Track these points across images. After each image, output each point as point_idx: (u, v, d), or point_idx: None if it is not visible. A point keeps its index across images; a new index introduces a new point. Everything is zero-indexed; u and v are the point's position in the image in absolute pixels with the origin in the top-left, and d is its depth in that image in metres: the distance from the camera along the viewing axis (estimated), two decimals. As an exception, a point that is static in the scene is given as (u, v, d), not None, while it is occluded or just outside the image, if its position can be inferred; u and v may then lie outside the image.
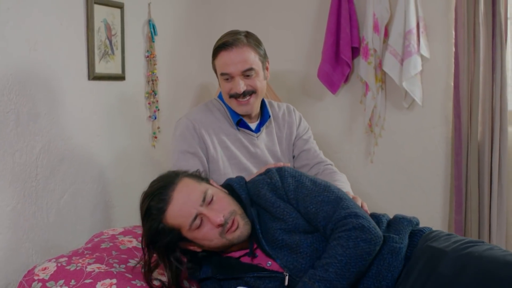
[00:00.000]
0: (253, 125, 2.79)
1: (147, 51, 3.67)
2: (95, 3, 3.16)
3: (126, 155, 3.51)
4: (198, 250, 2.15)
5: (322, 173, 2.83)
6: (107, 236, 2.62)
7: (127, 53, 3.47)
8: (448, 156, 3.88)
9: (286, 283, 2.02)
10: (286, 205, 2.10)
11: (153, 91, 3.69)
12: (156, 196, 2.04)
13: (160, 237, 2.05)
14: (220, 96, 2.82)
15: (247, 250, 2.13)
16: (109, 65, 3.29)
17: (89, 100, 3.19)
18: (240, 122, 2.75)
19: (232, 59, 2.63)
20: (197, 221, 2.02)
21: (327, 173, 2.81)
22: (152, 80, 3.69)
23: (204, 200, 2.03)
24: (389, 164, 4.09)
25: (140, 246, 2.34)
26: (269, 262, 2.09)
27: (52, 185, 2.95)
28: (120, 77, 3.42)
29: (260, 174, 2.27)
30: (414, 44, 3.80)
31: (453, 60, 3.82)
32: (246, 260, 2.14)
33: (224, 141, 2.70)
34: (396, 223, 2.12)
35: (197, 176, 2.14)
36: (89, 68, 3.15)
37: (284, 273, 2.04)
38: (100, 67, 3.22)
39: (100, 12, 3.20)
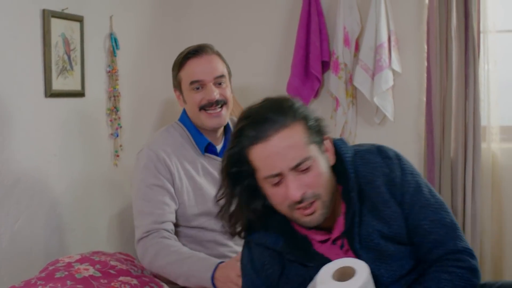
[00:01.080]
0: (217, 148, 2.65)
1: (109, 66, 3.55)
2: (53, 16, 3.03)
3: (85, 176, 3.39)
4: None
5: None
6: (63, 264, 2.50)
7: (87, 68, 3.35)
8: (421, 173, 3.78)
9: None
10: (397, 209, 1.81)
11: (115, 107, 3.57)
12: (256, 125, 1.73)
13: (235, 163, 1.79)
14: (182, 120, 2.66)
15: (327, 235, 1.85)
16: (67, 81, 3.16)
17: (45, 119, 3.06)
18: (209, 147, 2.61)
19: (203, 65, 2.54)
20: (276, 179, 1.73)
21: None
22: (114, 96, 3.57)
23: (297, 166, 1.71)
24: (361, 181, 3.96)
25: (96, 275, 2.29)
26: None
27: (6, 209, 2.81)
28: (79, 94, 3.29)
29: (376, 155, 1.87)
30: (386, 58, 3.77)
31: (425, 75, 3.79)
32: (321, 248, 1.86)
33: (189, 170, 2.55)
34: None
35: (314, 130, 1.77)
36: (46, 84, 3.02)
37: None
38: (58, 84, 3.08)
39: (58, 26, 3.08)
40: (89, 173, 3.42)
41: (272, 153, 1.70)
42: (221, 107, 2.56)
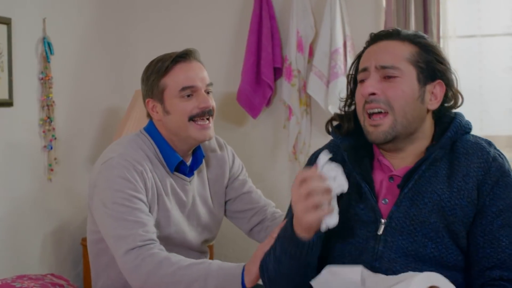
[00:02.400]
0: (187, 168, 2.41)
1: (41, 72, 3.38)
2: (-25, 18, 2.80)
3: (16, 191, 3.23)
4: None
5: (271, 220, 2.50)
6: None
7: (15, 75, 3.19)
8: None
9: (380, 232, 1.74)
10: (473, 194, 1.71)
11: (48, 117, 3.39)
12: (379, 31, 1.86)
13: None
14: (150, 132, 2.35)
15: (392, 172, 1.79)
16: (-8, 89, 2.99)
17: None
18: (180, 166, 2.33)
19: (195, 71, 2.28)
20: (363, 75, 1.79)
21: (279, 220, 2.45)
22: (48, 105, 3.39)
23: (383, 68, 1.75)
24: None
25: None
26: (387, 199, 1.78)
27: None
28: (7, 103, 3.13)
29: (490, 146, 1.79)
30: (341, 64, 3.66)
31: (383, 82, 3.57)
32: (378, 176, 1.82)
33: (159, 189, 2.27)
34: None
35: (426, 64, 1.76)
36: (-34, 93, 2.80)
37: (383, 220, 1.75)
38: (-19, 92, 2.88)
39: (-19, 29, 2.88)
40: (19, 189, 3.26)
41: (370, 51, 1.79)
42: (208, 119, 2.30)
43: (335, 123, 1.92)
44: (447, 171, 1.75)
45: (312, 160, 1.94)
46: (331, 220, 1.57)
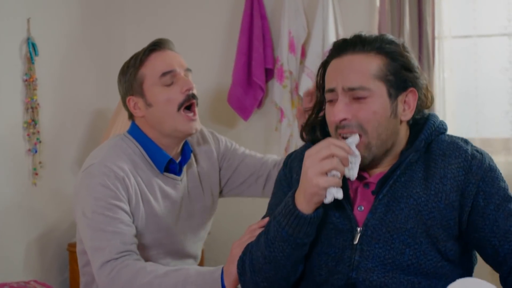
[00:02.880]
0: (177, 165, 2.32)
1: (26, 74, 3.31)
2: (-46, 17, 2.73)
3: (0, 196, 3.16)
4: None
5: (277, 168, 2.39)
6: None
7: None
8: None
9: (356, 241, 1.69)
10: (455, 197, 1.66)
11: (33, 120, 3.32)
12: (341, 42, 1.77)
13: (318, 75, 1.82)
14: (133, 133, 2.26)
15: (366, 179, 1.74)
16: (-27, 91, 2.91)
17: None
18: (170, 165, 2.23)
19: (171, 56, 2.21)
20: (330, 95, 1.71)
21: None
22: (32, 108, 3.32)
23: (351, 90, 1.67)
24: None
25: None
26: (362, 206, 1.74)
27: None
28: None
29: (467, 144, 1.74)
30: None
31: (376, 84, 3.53)
32: (352, 183, 1.76)
33: (145, 194, 2.17)
34: None
35: (396, 73, 1.68)
36: None
37: (359, 229, 1.70)
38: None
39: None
40: (2, 194, 3.21)
41: (336, 68, 1.71)
42: (193, 110, 2.20)
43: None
44: (423, 173, 1.70)
45: (287, 162, 1.92)
46: (338, 192, 1.57)
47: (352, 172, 1.61)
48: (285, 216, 1.64)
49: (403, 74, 1.68)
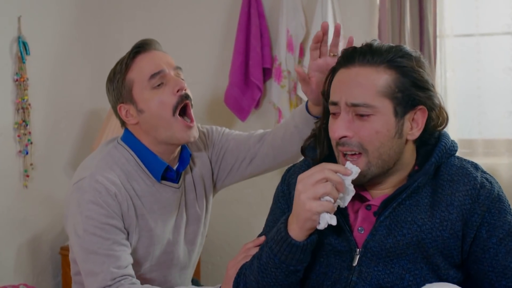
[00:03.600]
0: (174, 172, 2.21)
1: (16, 73, 3.25)
2: None
3: None
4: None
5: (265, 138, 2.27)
6: None
7: None
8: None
9: (355, 262, 1.64)
10: (457, 226, 1.59)
11: (23, 121, 3.26)
12: (350, 51, 1.67)
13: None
14: (127, 141, 2.14)
15: (369, 201, 1.67)
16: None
17: None
18: (167, 172, 2.12)
19: (157, 56, 2.08)
20: (333, 108, 1.64)
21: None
22: (23, 108, 3.26)
23: (354, 106, 1.59)
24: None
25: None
26: (363, 228, 1.67)
27: None
28: None
29: (477, 170, 1.68)
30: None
31: (377, 83, 3.48)
32: (353, 205, 1.69)
33: (139, 207, 2.07)
34: None
35: (405, 90, 1.59)
36: None
37: (358, 250, 1.65)
38: None
39: None
40: None
41: (341, 80, 1.63)
42: (189, 107, 2.09)
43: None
44: (430, 199, 1.63)
45: (285, 177, 1.85)
46: (332, 218, 1.52)
47: (343, 202, 1.55)
48: (277, 243, 1.59)
49: (413, 91, 1.59)
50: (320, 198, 1.50)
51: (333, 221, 1.50)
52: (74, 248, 2.05)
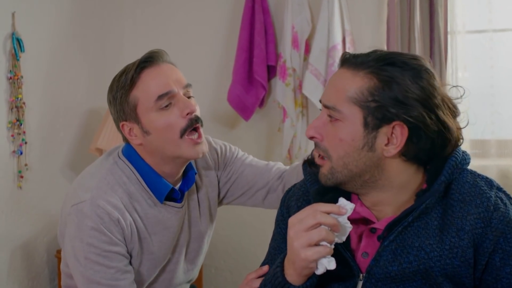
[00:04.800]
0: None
1: (10, 71, 3.18)
2: None
3: None
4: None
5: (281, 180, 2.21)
6: None
7: None
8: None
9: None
10: (468, 252, 1.47)
11: (17, 120, 3.18)
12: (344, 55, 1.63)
13: None
14: (130, 158, 2.01)
15: (373, 222, 1.57)
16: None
17: None
18: (171, 194, 2.01)
19: (166, 73, 1.92)
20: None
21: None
22: (17, 107, 3.18)
23: (327, 108, 1.54)
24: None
25: None
26: (367, 253, 1.58)
27: None
28: None
29: (491, 188, 1.55)
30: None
31: (385, 81, 3.41)
32: (356, 228, 1.59)
33: (141, 230, 1.98)
34: None
35: (381, 101, 1.48)
36: None
37: (362, 275, 1.56)
38: None
39: None
40: None
41: (329, 81, 1.59)
42: (197, 131, 1.95)
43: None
44: (439, 222, 1.52)
45: (284, 200, 1.77)
46: (330, 262, 1.43)
47: (340, 239, 1.45)
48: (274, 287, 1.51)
49: (391, 104, 1.47)
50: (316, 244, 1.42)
51: (332, 265, 1.42)
52: (74, 273, 1.95)
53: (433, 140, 1.49)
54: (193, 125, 1.89)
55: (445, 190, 1.52)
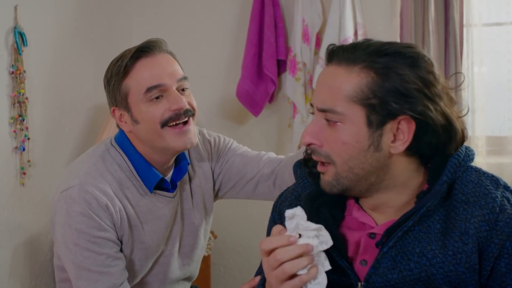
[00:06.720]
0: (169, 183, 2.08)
1: (12, 65, 3.11)
2: None
3: None
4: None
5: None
6: None
7: None
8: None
9: None
10: (473, 257, 1.39)
11: (20, 115, 3.13)
12: (331, 46, 1.52)
13: None
14: (122, 145, 2.01)
15: (372, 227, 1.50)
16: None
17: None
18: (161, 183, 2.00)
19: (161, 65, 1.92)
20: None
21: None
22: (19, 102, 3.12)
23: (322, 111, 1.43)
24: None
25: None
26: (366, 260, 1.53)
27: None
28: None
29: (498, 187, 1.47)
30: None
31: (398, 76, 3.37)
32: (352, 234, 1.53)
33: (132, 217, 1.96)
34: None
35: (383, 97, 1.40)
36: None
37: (360, 284, 1.49)
38: None
39: None
40: None
41: (319, 81, 1.49)
42: (188, 118, 1.94)
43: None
44: (442, 225, 1.43)
45: (276, 205, 1.71)
46: (317, 284, 1.35)
47: (323, 246, 1.35)
48: None
49: (394, 98, 1.39)
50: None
51: (322, 284, 1.34)
52: (65, 262, 1.95)
53: (438, 133, 1.41)
54: (179, 118, 1.87)
55: (448, 190, 1.43)
